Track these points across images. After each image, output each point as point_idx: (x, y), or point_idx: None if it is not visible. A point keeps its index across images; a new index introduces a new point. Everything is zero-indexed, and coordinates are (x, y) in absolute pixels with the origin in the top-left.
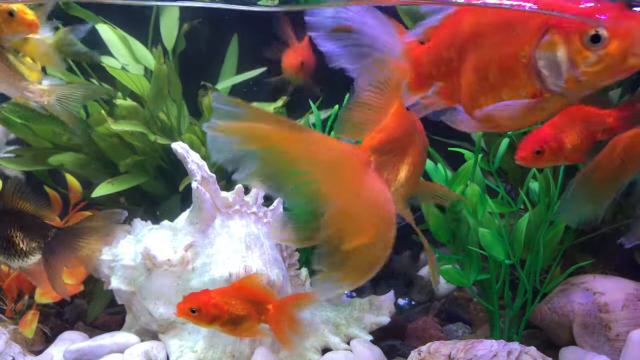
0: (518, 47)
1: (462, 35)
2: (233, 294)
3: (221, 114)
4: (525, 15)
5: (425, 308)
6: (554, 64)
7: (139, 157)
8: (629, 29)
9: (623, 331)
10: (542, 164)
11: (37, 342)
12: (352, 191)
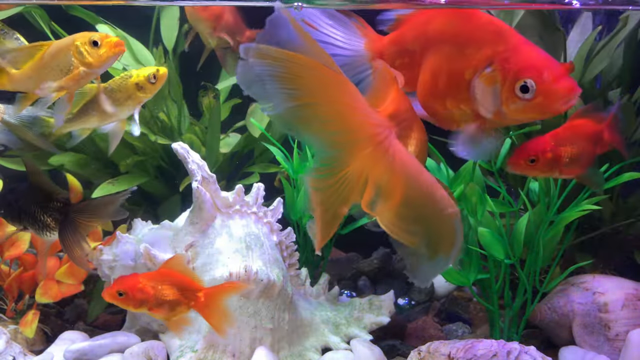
0: (466, 67)
1: (427, 35)
2: (161, 279)
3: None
4: (482, 41)
5: (425, 308)
6: (488, 96)
7: (139, 157)
8: (554, 92)
9: (622, 331)
10: (534, 172)
11: (38, 341)
12: (377, 158)
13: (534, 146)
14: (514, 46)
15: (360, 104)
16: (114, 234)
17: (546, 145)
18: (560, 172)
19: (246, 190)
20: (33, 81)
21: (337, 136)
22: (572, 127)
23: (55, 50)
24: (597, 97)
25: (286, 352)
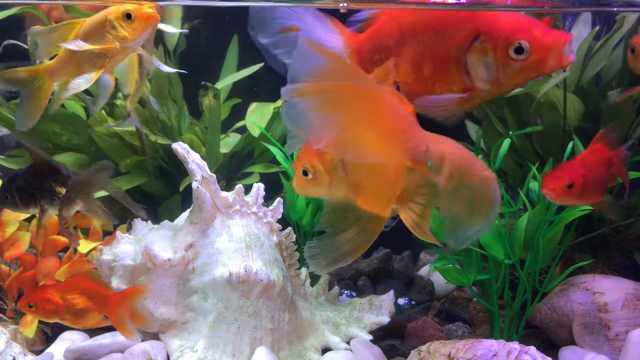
0: (451, 48)
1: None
2: (70, 288)
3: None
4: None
5: (425, 308)
6: (482, 68)
7: (139, 157)
8: (548, 44)
9: (622, 331)
10: (568, 199)
11: (38, 341)
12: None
13: (570, 171)
14: (492, 16)
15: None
16: (114, 234)
17: (578, 170)
18: (587, 198)
19: (246, 190)
20: (72, 66)
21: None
22: (594, 152)
23: (88, 28)
24: (596, 96)
25: (286, 352)
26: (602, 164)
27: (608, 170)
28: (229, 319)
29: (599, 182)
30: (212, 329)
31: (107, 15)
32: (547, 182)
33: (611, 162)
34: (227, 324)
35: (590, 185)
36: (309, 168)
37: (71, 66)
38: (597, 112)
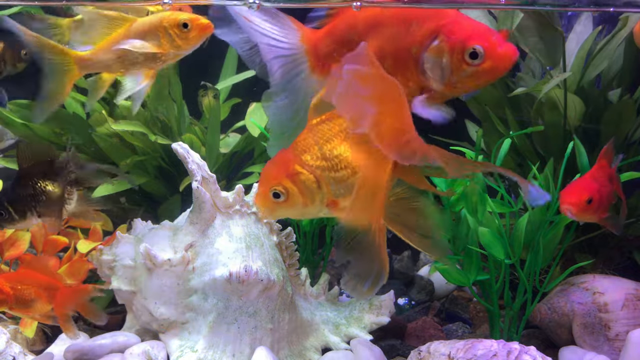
0: (411, 44)
1: (363, 22)
2: (21, 279)
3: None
4: (421, 19)
5: (425, 308)
6: (438, 68)
7: (139, 157)
8: (501, 54)
9: (622, 331)
10: (587, 214)
11: (38, 341)
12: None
13: (587, 187)
14: (454, 19)
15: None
16: (114, 234)
17: (593, 185)
18: (599, 214)
19: (246, 190)
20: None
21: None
22: (601, 168)
23: (141, 29)
24: (597, 97)
25: (286, 352)
26: (608, 180)
27: (612, 187)
28: (229, 319)
29: (607, 198)
30: (212, 329)
31: (162, 22)
32: (567, 197)
33: (612, 178)
34: (227, 324)
35: (604, 201)
36: (281, 190)
37: (104, 63)
38: (598, 112)
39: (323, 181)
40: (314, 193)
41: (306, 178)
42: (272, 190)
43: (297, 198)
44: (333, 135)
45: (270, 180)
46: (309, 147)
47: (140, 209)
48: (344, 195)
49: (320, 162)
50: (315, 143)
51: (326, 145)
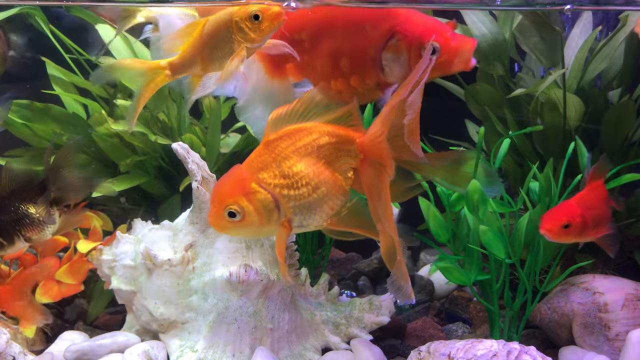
0: (367, 44)
1: (312, 23)
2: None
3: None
4: (377, 18)
5: (425, 308)
6: (396, 65)
7: (139, 157)
8: (456, 47)
9: (622, 331)
10: (566, 238)
11: (38, 341)
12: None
13: (565, 211)
14: (408, 17)
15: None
16: (114, 234)
17: (576, 210)
18: (588, 235)
19: None
20: (195, 65)
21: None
22: (593, 190)
23: (212, 30)
24: (597, 97)
25: (286, 352)
26: (602, 199)
27: (608, 205)
28: (229, 319)
29: (601, 218)
30: (212, 329)
31: (232, 17)
32: (544, 222)
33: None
34: (227, 324)
35: (591, 223)
36: (236, 209)
37: (194, 65)
38: (597, 112)
39: (282, 200)
40: (271, 213)
41: (263, 197)
42: (227, 209)
43: (254, 217)
44: (292, 151)
45: (225, 199)
46: (266, 164)
47: (140, 209)
48: (303, 214)
49: (278, 180)
50: (272, 161)
51: (285, 162)
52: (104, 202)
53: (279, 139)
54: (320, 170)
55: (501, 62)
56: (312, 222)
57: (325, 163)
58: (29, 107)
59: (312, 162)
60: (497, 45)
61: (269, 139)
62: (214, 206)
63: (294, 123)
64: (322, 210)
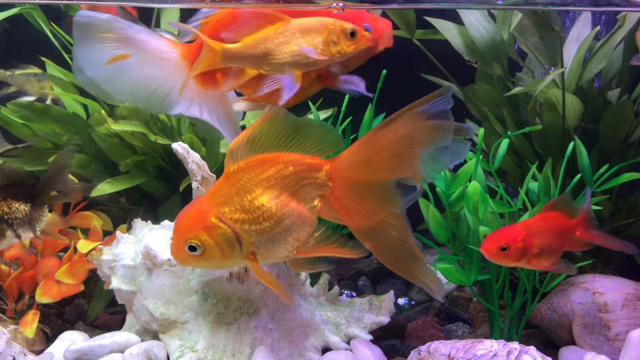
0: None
1: (240, 27)
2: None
3: None
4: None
5: (425, 308)
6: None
7: (139, 157)
8: (380, 27)
9: (622, 331)
10: (504, 261)
11: (38, 341)
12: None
13: (506, 235)
14: (330, 11)
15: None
16: (114, 234)
17: (517, 234)
18: (529, 262)
19: None
20: (248, 59)
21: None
22: (543, 219)
23: (299, 29)
24: (596, 97)
25: (286, 352)
26: (554, 231)
27: (560, 238)
28: (229, 319)
29: (550, 248)
30: (212, 329)
31: (328, 26)
32: (484, 242)
33: (571, 229)
34: (227, 324)
35: (534, 250)
36: (197, 243)
37: (249, 59)
38: (596, 112)
39: (243, 235)
40: (232, 247)
41: (224, 232)
42: (187, 243)
43: (214, 252)
44: (255, 184)
45: (185, 233)
46: (228, 198)
47: (140, 209)
48: (264, 247)
49: (240, 215)
50: (234, 194)
51: (247, 196)
52: (104, 202)
53: (240, 171)
54: (284, 202)
55: (499, 63)
56: (278, 254)
57: (290, 194)
58: (29, 107)
59: (275, 195)
60: (495, 45)
61: (230, 171)
62: (174, 239)
63: (254, 152)
64: (287, 242)
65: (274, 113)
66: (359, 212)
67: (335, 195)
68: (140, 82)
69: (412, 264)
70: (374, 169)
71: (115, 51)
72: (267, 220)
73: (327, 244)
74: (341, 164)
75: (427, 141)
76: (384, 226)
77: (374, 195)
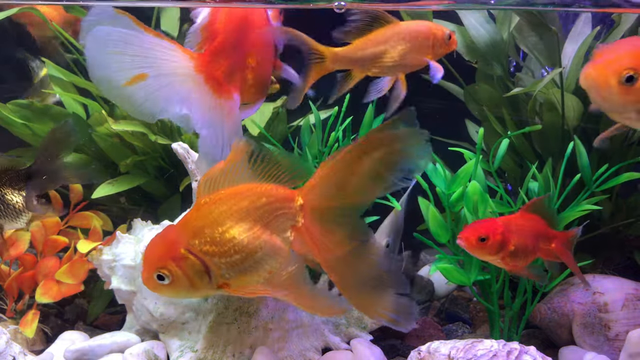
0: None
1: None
2: None
3: None
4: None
5: (425, 308)
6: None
7: (139, 157)
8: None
9: (622, 331)
10: (481, 252)
11: (38, 341)
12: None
13: (487, 226)
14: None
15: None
16: (114, 234)
17: (498, 227)
18: (503, 258)
19: None
20: (364, 62)
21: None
22: (524, 219)
23: (407, 32)
24: None
25: (286, 352)
26: (532, 233)
27: (540, 243)
28: (229, 318)
29: (523, 249)
30: (212, 329)
31: (432, 31)
32: (463, 231)
33: (549, 238)
34: (227, 324)
35: (510, 247)
36: (165, 273)
37: (358, 62)
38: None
39: (213, 267)
40: (201, 278)
41: (192, 263)
42: (156, 272)
43: (183, 282)
44: (226, 217)
45: (154, 262)
46: (198, 229)
47: (140, 209)
48: (236, 278)
49: (209, 247)
50: (205, 226)
51: (218, 228)
52: (104, 202)
53: (212, 203)
54: (256, 234)
55: (499, 63)
56: (249, 284)
57: (262, 225)
58: (29, 107)
59: (247, 227)
60: (495, 45)
61: (202, 202)
62: (144, 267)
63: (228, 184)
64: (258, 274)
65: (245, 145)
66: (327, 242)
67: (306, 225)
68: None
69: (376, 299)
70: (344, 196)
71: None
72: (238, 253)
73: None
74: (311, 193)
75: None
76: (351, 258)
77: (342, 224)
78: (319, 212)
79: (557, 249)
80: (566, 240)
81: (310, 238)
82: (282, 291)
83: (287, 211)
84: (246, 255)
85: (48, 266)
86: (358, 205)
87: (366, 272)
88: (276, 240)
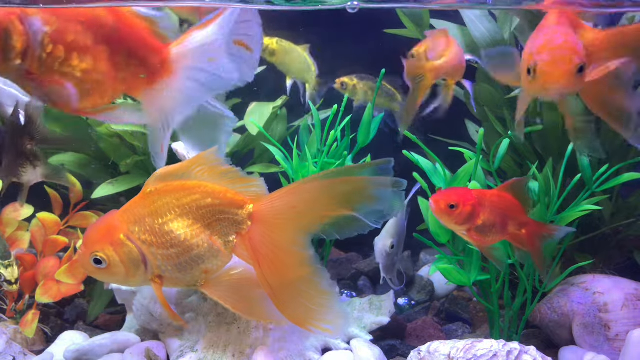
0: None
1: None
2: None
3: None
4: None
5: (425, 308)
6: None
7: (139, 157)
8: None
9: (622, 331)
10: (448, 219)
11: (38, 341)
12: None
13: (458, 194)
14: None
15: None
16: None
17: (470, 198)
18: (468, 230)
19: None
20: (453, 71)
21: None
22: (499, 197)
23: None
24: None
25: (286, 352)
26: (504, 213)
27: (509, 225)
28: (229, 319)
29: (491, 226)
30: (212, 329)
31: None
32: (435, 195)
33: (521, 223)
34: (227, 324)
35: (478, 220)
36: (102, 257)
37: (450, 72)
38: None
39: (150, 257)
40: (137, 267)
41: (129, 251)
42: (92, 255)
43: (119, 268)
44: (168, 209)
45: (92, 245)
46: (140, 218)
47: None
48: (171, 272)
49: (148, 236)
50: (147, 215)
51: (159, 219)
52: (104, 202)
53: (157, 194)
54: (195, 232)
55: None
56: (184, 281)
57: (204, 225)
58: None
59: (188, 223)
60: (496, 45)
61: (147, 191)
62: (82, 250)
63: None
64: (194, 272)
65: (208, 154)
66: (270, 260)
67: (250, 233)
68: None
69: (310, 311)
70: (298, 219)
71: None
72: (174, 247)
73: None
74: (265, 205)
75: (367, 206)
76: (288, 274)
77: (288, 244)
78: (266, 225)
79: (526, 236)
80: (539, 231)
81: (252, 247)
82: (217, 293)
83: (232, 216)
84: (182, 251)
85: (48, 266)
86: (310, 232)
87: (301, 288)
88: (216, 242)
